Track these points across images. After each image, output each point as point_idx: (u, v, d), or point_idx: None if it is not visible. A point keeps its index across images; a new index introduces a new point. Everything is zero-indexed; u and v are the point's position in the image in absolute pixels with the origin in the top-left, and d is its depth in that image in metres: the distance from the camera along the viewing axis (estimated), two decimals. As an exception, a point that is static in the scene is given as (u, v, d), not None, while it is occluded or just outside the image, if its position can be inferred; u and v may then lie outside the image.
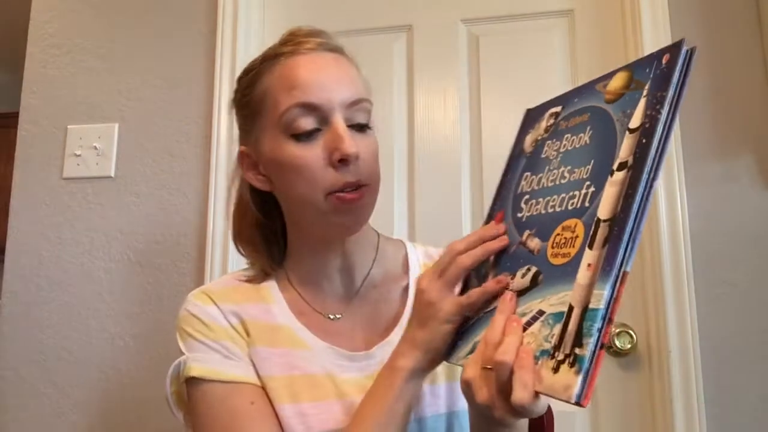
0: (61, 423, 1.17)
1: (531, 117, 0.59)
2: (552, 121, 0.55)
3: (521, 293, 0.48)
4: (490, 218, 0.57)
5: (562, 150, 0.52)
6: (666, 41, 1.10)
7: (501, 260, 0.53)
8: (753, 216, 1.04)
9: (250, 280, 0.72)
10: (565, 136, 0.52)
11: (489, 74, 1.22)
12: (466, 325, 0.53)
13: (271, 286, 0.71)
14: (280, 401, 0.63)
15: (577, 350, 0.41)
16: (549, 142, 0.54)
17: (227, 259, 1.16)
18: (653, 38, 1.10)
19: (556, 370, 0.41)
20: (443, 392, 0.67)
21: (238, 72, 1.20)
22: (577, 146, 0.50)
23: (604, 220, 0.43)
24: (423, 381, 0.57)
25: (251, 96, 0.68)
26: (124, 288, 1.21)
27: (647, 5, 1.11)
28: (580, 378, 0.39)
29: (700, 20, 1.11)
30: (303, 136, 0.63)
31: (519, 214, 0.53)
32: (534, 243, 0.50)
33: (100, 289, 1.21)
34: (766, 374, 1.00)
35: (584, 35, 1.19)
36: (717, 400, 1.01)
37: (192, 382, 0.64)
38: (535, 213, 0.51)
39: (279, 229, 0.73)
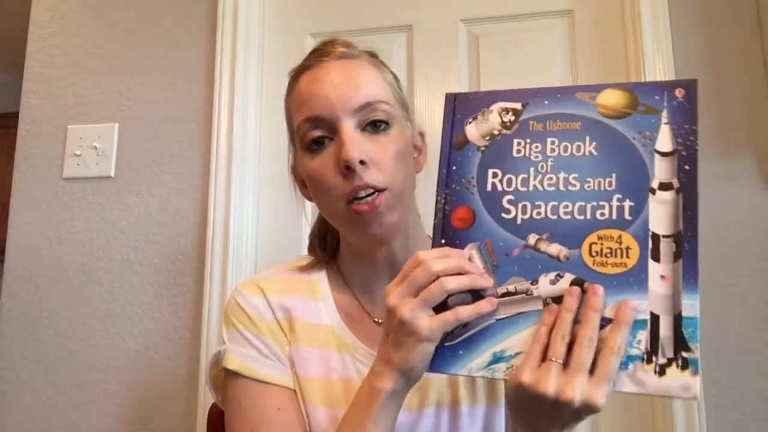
0: (61, 423, 1.17)
1: (464, 105, 0.57)
2: (511, 117, 0.55)
3: (556, 300, 0.49)
4: (444, 213, 0.55)
5: (551, 154, 0.52)
6: (666, 41, 1.09)
7: (501, 264, 0.52)
8: (753, 216, 1.04)
9: (302, 269, 0.73)
10: (550, 139, 0.53)
11: (489, 74, 1.22)
12: (463, 333, 0.52)
13: (322, 282, 0.71)
14: (313, 404, 0.64)
15: (684, 354, 0.45)
16: (519, 140, 0.54)
17: (227, 259, 1.16)
18: (653, 38, 1.10)
19: (661, 373, 0.46)
20: (481, 414, 0.66)
21: (238, 72, 1.22)
22: (577, 154, 0.52)
23: (665, 236, 0.48)
24: (403, 400, 0.55)
25: (286, 115, 0.71)
26: (124, 288, 1.21)
27: (647, 5, 1.11)
28: (698, 378, 0.45)
29: (700, 20, 1.11)
30: (315, 149, 0.64)
31: (506, 215, 0.52)
32: (555, 249, 0.50)
33: (100, 289, 1.21)
34: (766, 374, 1.00)
35: (584, 35, 1.19)
36: (717, 400, 1.01)
37: (229, 373, 0.66)
38: (537, 217, 0.51)
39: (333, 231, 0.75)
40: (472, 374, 0.50)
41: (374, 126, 0.64)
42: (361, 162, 0.61)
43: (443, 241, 0.54)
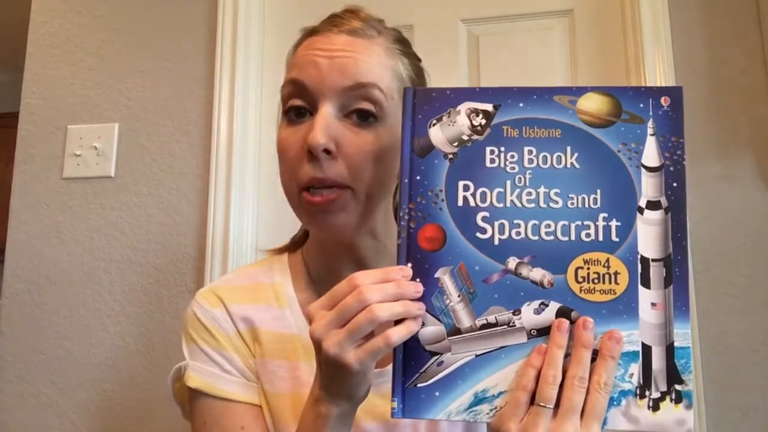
0: (61, 423, 1.17)
1: (425, 102, 0.50)
2: (482, 120, 0.48)
3: (541, 332, 0.46)
4: (409, 232, 0.48)
5: (528, 166, 0.48)
6: (666, 41, 1.09)
7: (478, 291, 0.47)
8: (753, 216, 1.04)
9: (265, 271, 0.68)
10: (527, 148, 0.48)
11: (489, 74, 1.22)
12: (438, 372, 0.47)
13: (286, 284, 0.66)
14: (284, 420, 0.60)
15: (677, 387, 0.44)
16: (492, 148, 0.48)
17: (227, 259, 1.16)
18: (653, 38, 1.10)
19: (654, 408, 0.44)
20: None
21: (238, 72, 1.22)
22: (557, 166, 0.47)
23: (654, 260, 0.45)
24: (352, 418, 0.51)
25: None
26: (124, 288, 1.21)
27: (647, 5, 1.11)
28: (692, 411, 0.44)
29: (700, 20, 1.11)
30: (292, 117, 0.59)
31: (481, 235, 0.47)
32: (538, 274, 0.46)
33: (100, 289, 1.21)
34: (767, 375, 1.00)
35: (584, 35, 1.19)
36: (717, 400, 1.01)
37: (192, 390, 0.62)
38: (516, 237, 0.47)
39: None
40: (451, 418, 0.46)
41: (360, 116, 0.57)
42: (327, 151, 0.55)
43: (409, 265, 0.48)
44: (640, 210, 0.46)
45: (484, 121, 0.48)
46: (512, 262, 0.46)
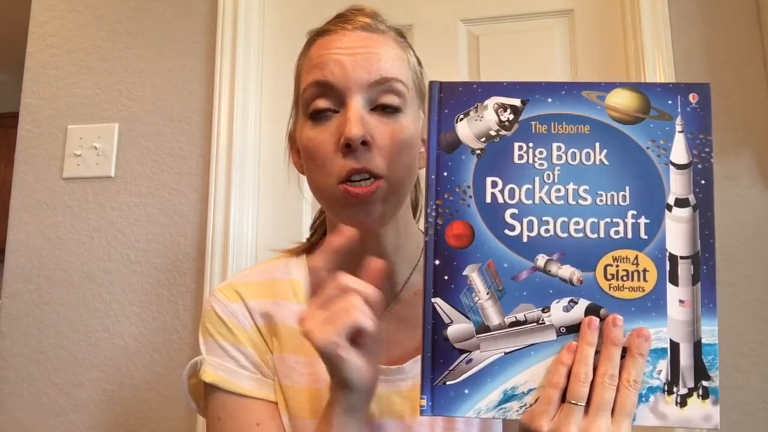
0: (61, 423, 1.17)
1: (452, 97, 0.49)
2: (510, 116, 0.48)
3: (570, 329, 0.46)
4: (437, 229, 0.47)
5: (557, 162, 0.47)
6: (666, 41, 1.09)
7: (507, 289, 0.46)
8: (753, 216, 1.04)
9: (282, 268, 0.68)
10: (555, 144, 0.47)
11: (489, 74, 1.22)
12: (467, 370, 0.46)
13: (304, 282, 0.66)
14: (300, 415, 0.60)
15: (705, 383, 0.45)
16: (521, 144, 0.48)
17: (227, 259, 1.16)
18: (653, 38, 1.10)
19: (682, 404, 0.45)
20: (477, 420, 0.62)
21: (238, 72, 1.22)
22: (586, 163, 0.47)
23: (683, 257, 0.46)
24: (364, 412, 0.52)
25: (294, 77, 0.66)
26: (124, 288, 1.21)
27: (647, 5, 1.11)
28: (718, 407, 0.45)
29: (700, 20, 1.11)
30: (317, 118, 0.59)
31: (510, 232, 0.46)
32: (567, 271, 0.46)
33: (100, 289, 1.21)
34: (766, 374, 1.00)
35: (584, 35, 1.19)
36: (717, 400, 1.01)
37: (207, 385, 0.62)
38: (545, 234, 0.46)
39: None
40: (480, 416, 0.46)
41: (385, 109, 0.59)
42: (364, 143, 0.56)
43: (437, 262, 0.47)
44: (669, 207, 0.46)
45: (512, 117, 0.48)
46: (541, 260, 0.46)
